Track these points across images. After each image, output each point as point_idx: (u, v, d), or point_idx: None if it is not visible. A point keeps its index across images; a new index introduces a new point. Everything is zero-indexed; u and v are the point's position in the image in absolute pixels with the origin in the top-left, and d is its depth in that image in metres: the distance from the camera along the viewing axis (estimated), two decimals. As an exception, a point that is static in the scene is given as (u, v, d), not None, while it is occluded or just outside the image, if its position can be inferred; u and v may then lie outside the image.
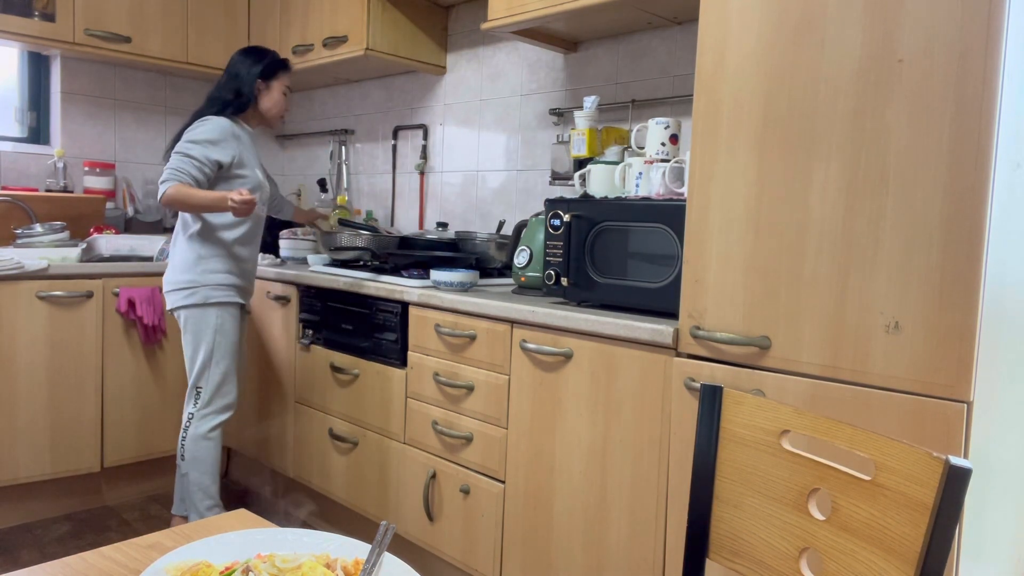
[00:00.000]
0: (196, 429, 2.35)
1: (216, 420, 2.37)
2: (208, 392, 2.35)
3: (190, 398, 2.37)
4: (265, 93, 2.43)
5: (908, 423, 1.25)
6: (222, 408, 2.38)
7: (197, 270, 2.33)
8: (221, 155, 2.28)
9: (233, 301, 2.38)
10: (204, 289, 2.33)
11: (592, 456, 1.75)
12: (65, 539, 2.57)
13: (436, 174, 3.14)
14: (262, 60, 2.42)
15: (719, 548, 1.06)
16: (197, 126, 2.29)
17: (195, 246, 2.34)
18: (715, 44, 1.48)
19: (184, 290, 2.33)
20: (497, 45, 2.87)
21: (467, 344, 2.03)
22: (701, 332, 1.50)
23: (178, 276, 2.34)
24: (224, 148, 2.29)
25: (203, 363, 2.34)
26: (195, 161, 2.24)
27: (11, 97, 3.35)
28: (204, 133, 2.27)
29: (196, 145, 2.25)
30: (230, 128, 2.32)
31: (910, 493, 0.83)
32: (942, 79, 1.20)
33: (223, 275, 2.35)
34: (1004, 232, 1.22)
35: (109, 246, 2.94)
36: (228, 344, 2.37)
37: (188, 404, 2.37)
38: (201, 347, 2.34)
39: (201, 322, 2.33)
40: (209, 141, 2.27)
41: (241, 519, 1.02)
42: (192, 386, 2.36)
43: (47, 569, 0.85)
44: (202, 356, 2.34)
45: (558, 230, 1.86)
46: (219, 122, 2.30)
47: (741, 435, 1.04)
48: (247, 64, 2.40)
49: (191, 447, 2.35)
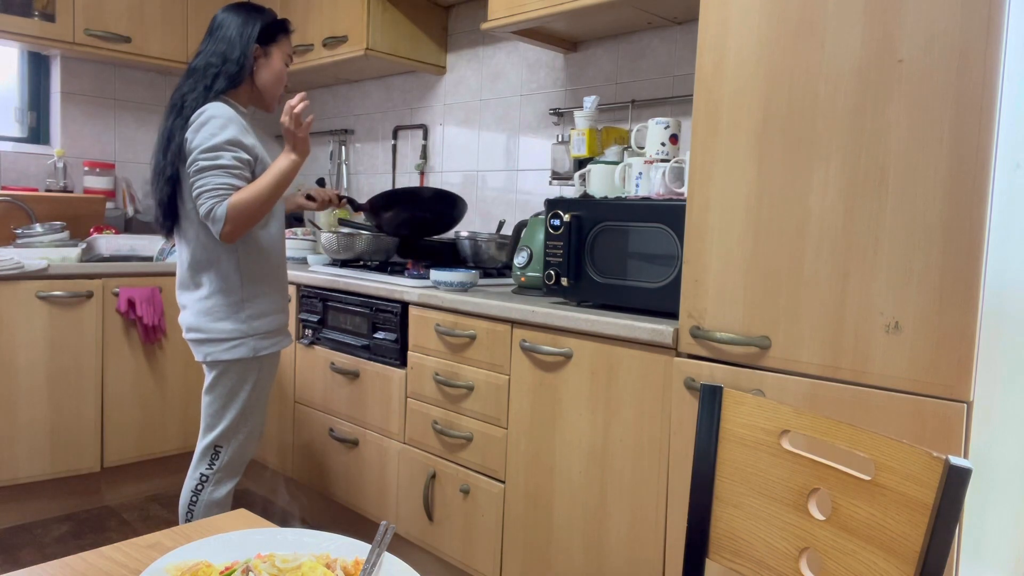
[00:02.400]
0: (211, 495, 1.94)
1: (232, 483, 1.97)
2: (229, 453, 1.95)
3: (204, 457, 1.94)
4: (263, 62, 1.92)
5: (908, 423, 1.25)
6: (239, 469, 1.99)
7: (240, 316, 1.88)
8: (249, 153, 1.83)
9: (282, 348, 1.99)
10: (252, 340, 1.90)
11: (592, 456, 1.75)
12: (65, 539, 2.57)
13: (436, 174, 3.14)
14: (259, 19, 1.91)
15: (719, 548, 1.06)
16: (202, 124, 1.80)
17: (233, 284, 1.88)
18: (715, 44, 1.48)
19: (224, 342, 1.88)
20: (497, 45, 2.87)
21: (467, 344, 2.03)
22: (701, 332, 1.50)
23: (213, 324, 1.88)
24: (245, 146, 1.83)
25: (231, 424, 1.93)
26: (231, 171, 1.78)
27: (11, 97, 3.35)
28: (217, 134, 1.78)
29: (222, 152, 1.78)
30: (234, 115, 1.84)
31: (910, 493, 0.83)
32: (942, 79, 1.20)
33: (272, 318, 1.94)
34: (1004, 232, 1.22)
35: (109, 246, 2.94)
36: (263, 397, 1.98)
37: (200, 464, 1.95)
38: (232, 406, 1.92)
39: (239, 379, 1.91)
40: (229, 142, 1.79)
41: (241, 519, 1.02)
42: (210, 444, 1.94)
43: (47, 569, 0.85)
44: (231, 417, 1.93)
45: (558, 230, 1.86)
46: (222, 112, 1.82)
47: (741, 435, 1.04)
48: (239, 24, 1.89)
49: (203, 514, 1.93)
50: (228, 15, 1.91)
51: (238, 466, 1.98)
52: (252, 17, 1.91)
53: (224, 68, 1.87)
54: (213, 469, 1.94)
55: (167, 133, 1.85)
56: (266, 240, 1.94)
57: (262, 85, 1.95)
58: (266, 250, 1.94)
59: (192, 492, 1.95)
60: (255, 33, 1.89)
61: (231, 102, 1.91)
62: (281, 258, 2.00)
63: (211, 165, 1.77)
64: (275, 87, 1.97)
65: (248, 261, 1.90)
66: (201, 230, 1.87)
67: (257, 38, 1.90)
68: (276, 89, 1.97)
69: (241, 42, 1.88)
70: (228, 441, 1.94)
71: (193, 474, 1.96)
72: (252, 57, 1.90)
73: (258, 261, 1.92)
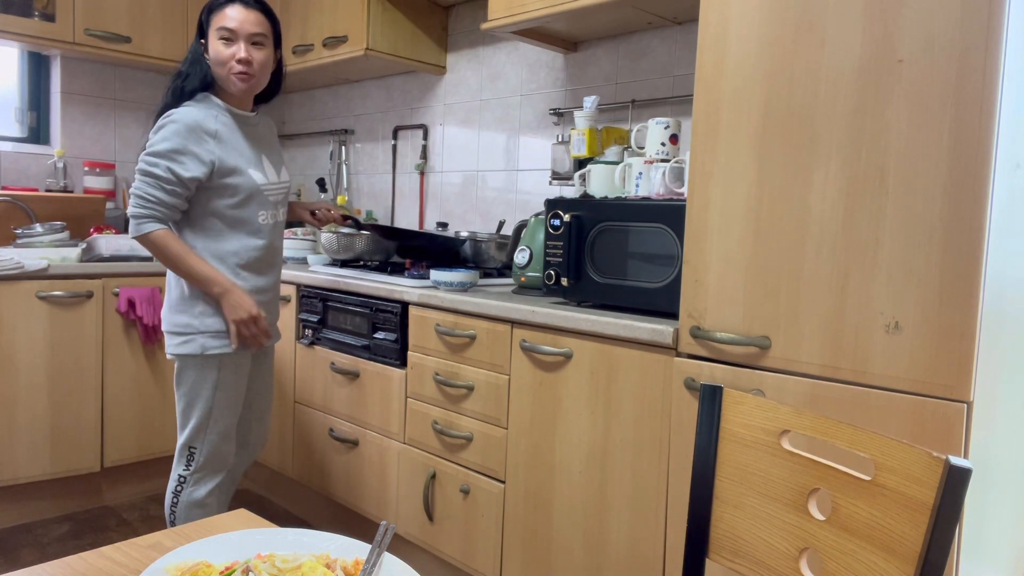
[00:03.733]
0: (190, 496, 1.94)
1: (213, 483, 1.96)
2: (203, 454, 1.94)
3: (181, 458, 1.94)
4: (207, 51, 1.88)
5: (908, 423, 1.25)
6: (219, 468, 1.98)
7: (193, 311, 1.88)
8: (194, 169, 1.81)
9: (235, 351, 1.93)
10: (200, 337, 1.88)
11: (592, 456, 1.75)
12: (65, 539, 2.57)
13: (436, 174, 3.14)
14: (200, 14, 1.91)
15: (719, 548, 1.06)
16: (159, 127, 1.82)
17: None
18: (715, 44, 1.48)
19: (178, 336, 1.89)
20: (497, 45, 2.87)
21: (467, 344, 2.03)
22: (701, 332, 1.50)
23: (171, 316, 1.91)
24: (194, 158, 1.81)
25: (198, 424, 1.91)
26: (164, 184, 1.79)
27: (11, 97, 3.35)
28: (165, 140, 1.80)
29: (159, 161, 1.79)
30: (197, 122, 1.82)
31: (910, 493, 0.83)
32: (942, 79, 1.20)
33: (221, 319, 1.90)
34: (1004, 232, 1.22)
35: (109, 246, 2.94)
36: (231, 399, 1.95)
37: (178, 465, 1.95)
38: (197, 405, 1.91)
39: (198, 376, 1.90)
40: (174, 151, 1.79)
41: (241, 519, 1.02)
42: (183, 445, 1.93)
43: (47, 569, 0.85)
44: (198, 416, 1.91)
45: (558, 230, 1.86)
46: (183, 117, 1.81)
47: (741, 435, 1.04)
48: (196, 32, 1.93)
49: (184, 516, 1.94)
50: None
51: (217, 466, 1.97)
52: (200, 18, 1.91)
53: (185, 70, 1.90)
54: (190, 470, 1.94)
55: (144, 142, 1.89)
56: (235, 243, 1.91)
57: (214, 73, 1.88)
58: (233, 253, 1.91)
59: (173, 493, 1.95)
60: (197, 28, 1.91)
61: (209, 99, 1.89)
62: (254, 263, 1.95)
63: (148, 171, 1.80)
64: (222, 70, 1.87)
65: (209, 258, 1.89)
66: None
67: (198, 33, 1.91)
68: (223, 71, 1.87)
69: (194, 43, 1.92)
70: (200, 442, 1.93)
71: (172, 476, 1.97)
72: (203, 51, 1.89)
73: (220, 261, 1.90)
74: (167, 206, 1.81)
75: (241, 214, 1.91)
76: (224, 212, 1.89)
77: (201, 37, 1.90)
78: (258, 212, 1.94)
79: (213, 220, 1.89)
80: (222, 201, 1.88)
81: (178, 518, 1.95)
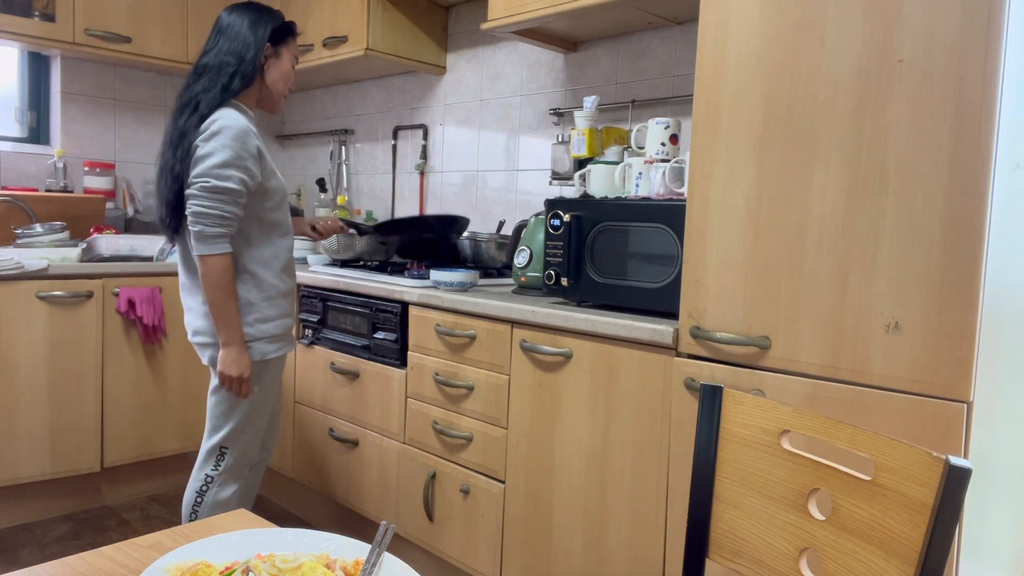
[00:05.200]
0: (216, 496, 1.94)
1: (237, 485, 1.98)
2: (234, 455, 1.95)
3: (209, 458, 1.95)
4: (274, 62, 1.93)
5: (908, 423, 1.25)
6: (242, 472, 2.00)
7: (248, 320, 1.88)
8: (256, 175, 1.83)
9: (286, 353, 2.00)
10: (258, 344, 1.90)
11: (592, 456, 1.75)
12: (65, 539, 2.57)
13: (436, 174, 3.15)
14: (270, 19, 1.91)
15: (719, 548, 1.06)
16: (214, 133, 1.78)
17: (243, 289, 1.88)
18: (715, 44, 1.48)
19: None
20: (497, 45, 2.87)
21: (467, 344, 2.03)
22: (701, 332, 1.50)
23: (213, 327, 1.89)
24: (254, 162, 1.82)
25: (237, 426, 1.93)
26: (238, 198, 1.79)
27: (11, 97, 3.35)
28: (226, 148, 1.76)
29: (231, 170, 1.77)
30: (247, 125, 1.82)
31: (910, 493, 0.83)
32: (942, 79, 1.20)
33: (277, 323, 1.94)
34: (1004, 232, 1.22)
35: (109, 246, 2.94)
36: (267, 402, 1.99)
37: (206, 465, 1.95)
38: (239, 408, 1.93)
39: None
40: (238, 159, 1.78)
41: (241, 519, 1.02)
42: (215, 445, 1.94)
43: (47, 569, 0.85)
44: (237, 418, 1.93)
45: (558, 230, 1.86)
46: (234, 122, 1.80)
47: (741, 435, 1.04)
48: (251, 23, 1.89)
49: (206, 515, 1.93)
50: (238, 14, 1.90)
51: (243, 467, 1.99)
52: (263, 17, 1.91)
53: (240, 68, 1.86)
54: (219, 470, 1.94)
55: (180, 131, 1.83)
56: (273, 248, 1.94)
57: (271, 84, 1.94)
58: (273, 257, 1.94)
59: (197, 493, 1.95)
60: (267, 33, 1.89)
61: (240, 106, 1.90)
62: (289, 264, 2.00)
63: (222, 188, 1.77)
64: (283, 87, 1.97)
65: (255, 266, 1.90)
66: None
67: (270, 36, 1.90)
68: (284, 89, 1.97)
69: (256, 42, 1.88)
70: (234, 443, 1.95)
71: (198, 475, 1.96)
72: (265, 57, 1.91)
73: (265, 267, 1.92)
74: (237, 220, 1.82)
75: (277, 217, 1.94)
76: (264, 216, 1.90)
77: (271, 42, 1.91)
78: (286, 213, 1.99)
79: (252, 225, 1.89)
80: (263, 205, 1.89)
81: (199, 517, 1.93)
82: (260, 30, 1.89)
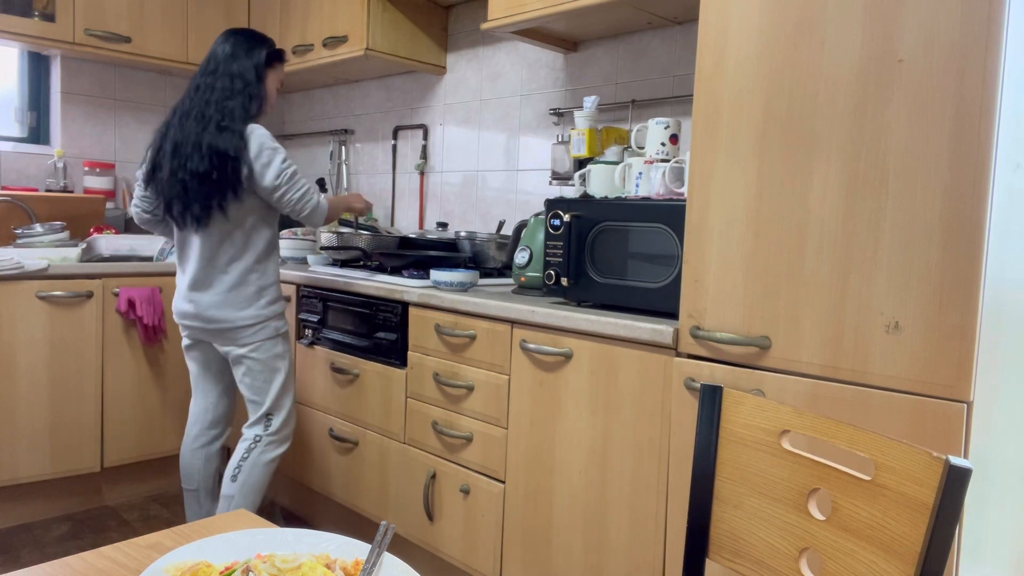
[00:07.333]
0: (261, 455, 2.24)
1: (281, 449, 2.28)
2: (280, 419, 2.26)
3: (258, 423, 2.25)
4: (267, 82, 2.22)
5: (908, 423, 1.25)
6: (288, 436, 2.30)
7: (260, 304, 2.20)
8: None
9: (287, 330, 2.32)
10: (273, 322, 2.23)
11: (592, 456, 1.75)
12: (65, 539, 2.57)
13: (436, 174, 3.15)
14: (263, 45, 2.19)
15: (719, 548, 1.06)
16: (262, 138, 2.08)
17: (255, 278, 2.20)
18: (715, 44, 1.48)
19: (250, 327, 2.19)
20: (497, 45, 2.87)
21: (467, 344, 2.03)
22: (701, 332, 1.50)
23: (235, 313, 2.17)
24: None
25: (279, 391, 2.25)
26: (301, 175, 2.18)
27: (11, 97, 3.35)
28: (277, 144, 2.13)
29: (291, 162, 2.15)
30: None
31: (910, 493, 0.83)
32: (942, 79, 1.20)
33: (278, 305, 2.26)
34: (1004, 232, 1.22)
35: (109, 246, 2.94)
36: (292, 368, 2.32)
37: (256, 427, 2.25)
38: (277, 376, 2.24)
39: (272, 352, 2.23)
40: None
41: (241, 519, 1.02)
42: (263, 414, 2.24)
43: (47, 569, 0.85)
44: (278, 384, 2.25)
45: (558, 230, 1.86)
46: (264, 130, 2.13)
47: (741, 435, 1.04)
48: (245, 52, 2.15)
49: (249, 471, 2.22)
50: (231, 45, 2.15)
51: (286, 433, 2.28)
52: (257, 43, 2.18)
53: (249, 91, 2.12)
54: (267, 431, 2.25)
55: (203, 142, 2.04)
56: (277, 239, 2.27)
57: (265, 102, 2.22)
58: (273, 250, 2.26)
59: (245, 451, 2.23)
60: (263, 58, 2.17)
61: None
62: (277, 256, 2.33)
63: (295, 171, 2.13)
64: (269, 104, 2.24)
65: (264, 258, 2.21)
66: (237, 228, 2.14)
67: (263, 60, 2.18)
68: (269, 106, 2.24)
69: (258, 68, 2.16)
70: (278, 408, 2.26)
71: (247, 434, 2.25)
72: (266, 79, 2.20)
73: (270, 258, 2.24)
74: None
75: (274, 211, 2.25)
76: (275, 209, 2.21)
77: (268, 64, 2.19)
78: None
79: (273, 215, 2.23)
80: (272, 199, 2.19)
81: (243, 474, 2.21)
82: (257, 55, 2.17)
